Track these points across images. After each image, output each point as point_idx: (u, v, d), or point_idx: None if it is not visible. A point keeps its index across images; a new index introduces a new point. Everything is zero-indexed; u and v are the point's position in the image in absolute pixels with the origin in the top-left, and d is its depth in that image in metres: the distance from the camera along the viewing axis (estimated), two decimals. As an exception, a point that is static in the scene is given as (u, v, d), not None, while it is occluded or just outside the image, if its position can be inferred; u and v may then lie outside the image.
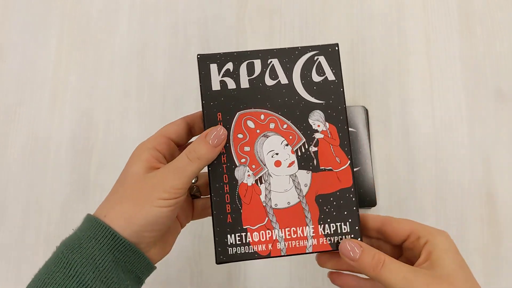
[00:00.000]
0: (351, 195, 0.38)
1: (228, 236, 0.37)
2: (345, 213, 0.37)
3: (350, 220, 0.37)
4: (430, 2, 0.66)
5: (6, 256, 0.58)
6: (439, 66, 0.64)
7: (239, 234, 0.37)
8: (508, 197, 0.59)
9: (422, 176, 0.60)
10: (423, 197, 0.59)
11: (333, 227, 0.37)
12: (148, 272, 0.37)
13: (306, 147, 0.38)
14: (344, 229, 0.37)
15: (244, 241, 0.37)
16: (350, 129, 0.60)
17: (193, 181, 0.42)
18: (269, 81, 0.39)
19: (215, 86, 0.38)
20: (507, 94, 0.63)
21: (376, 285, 0.39)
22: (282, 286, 0.57)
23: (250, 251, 0.37)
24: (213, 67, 0.39)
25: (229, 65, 0.39)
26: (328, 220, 0.37)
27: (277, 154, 0.38)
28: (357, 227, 0.37)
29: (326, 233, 0.37)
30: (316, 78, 0.39)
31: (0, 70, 0.65)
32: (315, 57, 0.39)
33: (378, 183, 0.60)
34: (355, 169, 0.58)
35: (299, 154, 0.38)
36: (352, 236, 0.37)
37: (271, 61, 0.39)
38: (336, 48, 0.39)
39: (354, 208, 0.38)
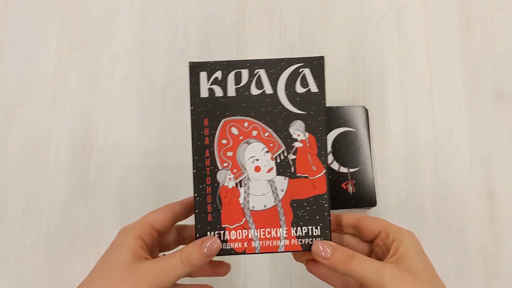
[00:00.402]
0: (324, 202, 0.40)
1: (208, 233, 0.40)
2: (317, 217, 0.40)
3: (321, 224, 0.40)
4: (430, 2, 0.66)
5: (6, 256, 0.58)
6: (439, 66, 0.64)
7: (218, 232, 0.40)
8: (508, 197, 0.59)
9: (422, 176, 0.60)
10: (423, 197, 0.59)
11: (304, 230, 0.40)
12: None
13: (285, 154, 0.40)
14: (315, 232, 0.40)
15: (222, 239, 0.40)
16: (350, 129, 0.60)
17: None
18: (254, 91, 0.40)
19: (204, 93, 0.40)
20: (507, 94, 0.63)
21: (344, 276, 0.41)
22: (282, 286, 0.57)
23: (227, 247, 0.40)
24: (203, 75, 0.40)
25: (218, 74, 0.40)
26: (301, 223, 0.40)
27: (257, 160, 0.40)
28: (327, 231, 0.40)
29: (298, 235, 0.40)
30: (299, 89, 0.41)
31: (0, 70, 0.65)
32: (300, 69, 0.41)
33: (378, 183, 0.60)
34: (354, 169, 0.59)
35: (278, 161, 0.40)
36: (322, 239, 0.40)
37: (258, 71, 0.40)
38: (321, 61, 0.41)
39: (326, 213, 0.40)
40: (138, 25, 0.66)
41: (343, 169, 0.58)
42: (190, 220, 0.42)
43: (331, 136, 0.59)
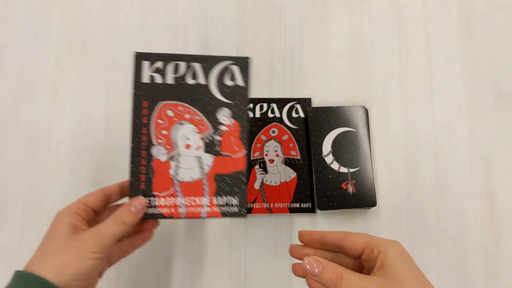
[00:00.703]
0: (243, 177, 0.46)
1: None
2: (236, 190, 0.46)
3: (239, 196, 0.46)
4: (430, 2, 0.66)
5: (6, 256, 0.58)
6: (439, 66, 0.64)
7: (149, 198, 0.46)
8: (508, 197, 0.59)
9: (422, 176, 0.60)
10: (423, 197, 0.59)
11: (225, 200, 0.46)
12: None
13: (213, 136, 0.47)
14: (233, 203, 0.46)
15: (152, 204, 0.46)
16: (350, 129, 0.60)
17: None
18: (190, 80, 0.47)
19: (145, 79, 0.46)
20: (507, 94, 0.63)
21: None
22: (282, 286, 0.57)
23: (156, 212, 0.46)
24: (145, 64, 0.47)
25: (159, 64, 0.47)
26: (221, 194, 0.46)
27: (188, 139, 0.47)
28: (243, 201, 0.46)
29: (218, 203, 0.46)
30: (228, 82, 0.47)
31: (0, 70, 0.65)
32: (230, 66, 0.47)
33: (378, 183, 0.60)
34: (354, 169, 0.59)
35: (207, 141, 0.47)
36: (239, 207, 0.46)
37: (194, 65, 0.47)
38: (248, 60, 0.47)
39: (244, 186, 0.46)
40: (138, 25, 0.66)
41: (343, 169, 0.58)
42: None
43: (331, 136, 0.59)
